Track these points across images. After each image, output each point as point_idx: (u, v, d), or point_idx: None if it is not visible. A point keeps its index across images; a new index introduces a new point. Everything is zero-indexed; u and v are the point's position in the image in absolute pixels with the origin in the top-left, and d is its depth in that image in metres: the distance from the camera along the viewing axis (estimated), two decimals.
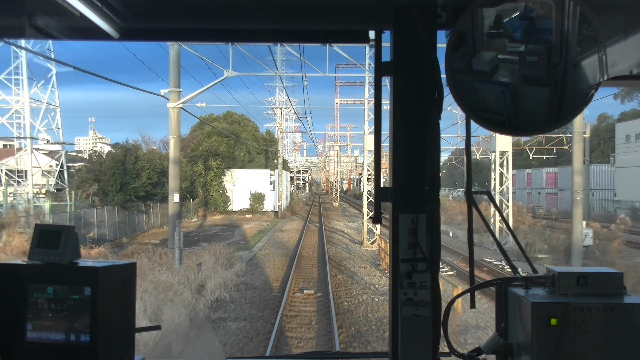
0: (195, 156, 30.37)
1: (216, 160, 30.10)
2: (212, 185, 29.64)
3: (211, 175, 29.54)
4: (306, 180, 74.36)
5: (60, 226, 1.17)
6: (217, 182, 29.92)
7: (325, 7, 1.19)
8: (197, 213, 27.61)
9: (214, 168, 29.76)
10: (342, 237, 18.65)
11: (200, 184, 29.23)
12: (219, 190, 30.26)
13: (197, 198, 29.13)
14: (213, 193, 29.78)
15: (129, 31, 1.23)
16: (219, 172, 30.26)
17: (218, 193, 30.06)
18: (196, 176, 29.18)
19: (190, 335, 6.40)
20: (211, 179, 29.56)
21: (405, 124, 1.19)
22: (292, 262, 12.25)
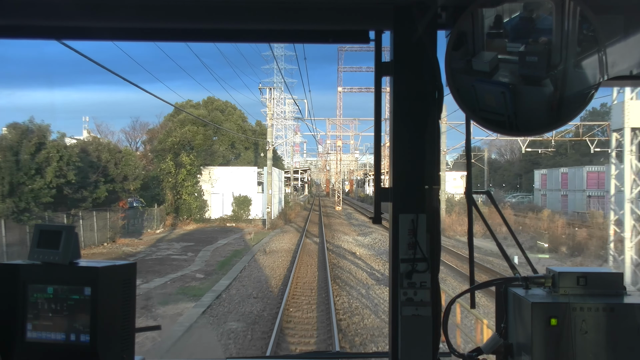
0: (164, 150, 28.63)
1: (190, 155, 28.03)
2: (184, 187, 27.66)
3: (183, 174, 27.54)
4: (305, 181, 77.11)
5: (60, 226, 1.38)
6: (191, 183, 28.01)
7: (325, 7, 1.35)
8: (164, 222, 25.67)
9: (187, 164, 27.67)
10: (356, 268, 13.88)
11: (169, 185, 27.36)
12: (194, 193, 28.32)
13: (166, 202, 27.20)
14: (185, 196, 27.73)
15: (128, 31, 1.46)
16: (194, 170, 28.26)
17: (192, 196, 28.14)
18: (164, 175, 27.39)
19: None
20: (183, 178, 27.57)
21: (405, 124, 1.36)
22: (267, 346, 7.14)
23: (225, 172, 31.26)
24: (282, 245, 19.01)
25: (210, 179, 30.63)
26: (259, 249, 17.69)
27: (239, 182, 30.85)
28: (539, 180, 38.99)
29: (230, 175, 31.26)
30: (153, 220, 24.92)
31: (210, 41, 1.49)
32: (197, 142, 30.55)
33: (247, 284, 11.61)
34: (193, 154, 28.72)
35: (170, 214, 27.26)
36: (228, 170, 31.81)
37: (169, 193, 27.57)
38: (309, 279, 12.39)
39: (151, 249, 17.50)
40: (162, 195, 27.98)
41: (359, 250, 17.31)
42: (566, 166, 36.57)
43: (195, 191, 28.78)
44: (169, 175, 27.75)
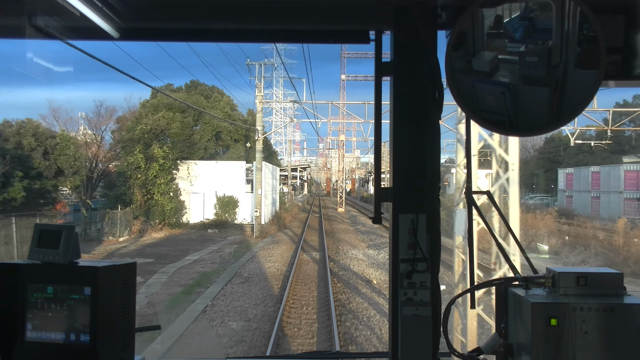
0: (132, 140, 28.21)
1: (163, 147, 27.83)
2: (155, 185, 27.41)
3: (155, 169, 27.23)
4: (304, 180, 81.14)
5: (60, 226, 1.67)
6: (165, 180, 27.76)
7: (325, 8, 1.62)
8: (130, 227, 25.32)
9: (160, 158, 27.38)
10: (378, 315, 10.91)
11: (137, 183, 27.07)
12: (168, 192, 28.00)
13: (133, 204, 26.97)
14: (158, 196, 27.42)
15: (128, 31, 1.69)
16: (168, 165, 27.93)
17: (166, 196, 27.77)
18: (132, 170, 27.03)
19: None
20: (155, 174, 27.28)
21: (405, 124, 1.64)
22: None
23: (208, 168, 30.88)
24: (269, 266, 16.58)
25: (189, 175, 30.33)
26: (236, 273, 15.35)
27: (224, 180, 30.49)
28: (564, 180, 39.93)
29: (213, 171, 30.81)
30: (115, 225, 24.13)
31: (210, 41, 1.77)
32: (173, 130, 30.29)
33: (195, 352, 8.87)
34: (167, 145, 28.46)
35: (139, 217, 26.94)
36: (210, 165, 31.33)
37: (138, 192, 27.25)
38: (301, 341, 9.60)
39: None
40: (129, 195, 27.68)
41: (374, 276, 15.22)
42: (594, 164, 37.42)
43: (170, 190, 28.45)
44: (137, 171, 27.35)
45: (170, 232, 27.16)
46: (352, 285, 13.73)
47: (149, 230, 26.69)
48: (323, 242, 22.30)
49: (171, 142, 29.26)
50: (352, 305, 11.79)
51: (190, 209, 30.35)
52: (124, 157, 28.44)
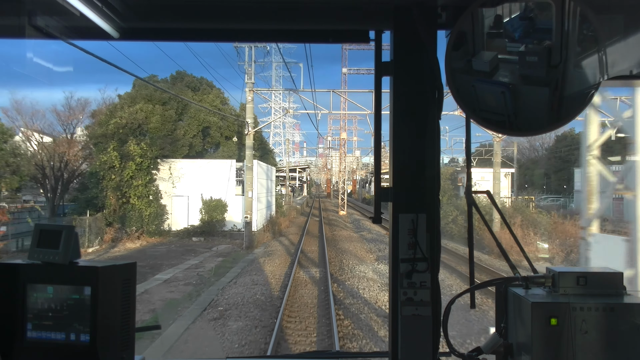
0: (105, 136, 28.31)
1: (141, 143, 27.82)
2: (132, 187, 27.51)
3: (131, 169, 27.36)
4: (304, 181, 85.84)
5: (60, 226, 1.90)
6: (143, 181, 27.84)
7: (325, 7, 1.86)
8: (102, 236, 25.28)
9: (137, 156, 27.44)
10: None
11: (111, 185, 27.13)
12: (147, 195, 28.15)
13: (106, 208, 26.98)
14: (134, 200, 27.58)
15: (128, 31, 1.94)
16: (146, 164, 27.97)
17: (144, 200, 27.88)
18: (105, 170, 27.12)
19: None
20: (131, 174, 27.42)
21: (405, 124, 1.88)
22: None
23: (192, 167, 31.01)
24: (256, 291, 14.67)
25: (170, 176, 30.39)
26: (212, 302, 13.67)
27: (212, 181, 30.60)
28: (581, 179, 40.60)
29: (199, 171, 30.86)
30: (84, 234, 23.71)
31: (209, 41, 2.01)
32: (153, 125, 30.41)
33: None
34: (146, 142, 28.40)
35: (114, 224, 26.98)
36: (196, 164, 31.44)
37: (112, 195, 27.27)
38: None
39: None
40: (101, 199, 27.66)
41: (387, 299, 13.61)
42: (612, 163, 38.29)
43: (149, 193, 28.51)
44: (111, 171, 27.37)
45: (148, 242, 27.08)
46: (364, 324, 11.54)
47: (124, 240, 26.53)
48: (324, 254, 21.58)
49: (150, 138, 29.12)
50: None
51: (172, 214, 30.33)
52: (97, 155, 28.37)
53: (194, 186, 30.63)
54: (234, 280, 16.55)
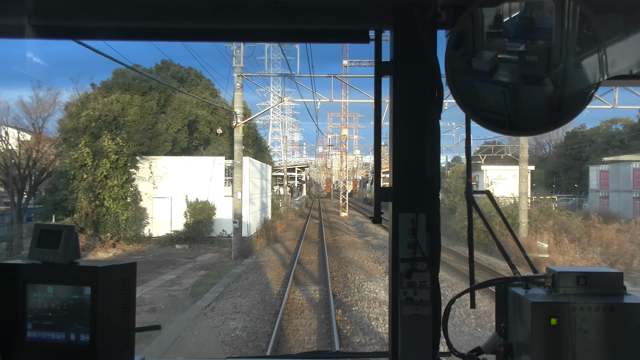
0: (76, 130, 28.26)
1: (116, 138, 27.88)
2: (107, 187, 27.63)
3: (106, 167, 27.45)
4: (303, 181, 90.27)
5: (60, 226, 2.16)
6: (119, 181, 27.97)
7: (325, 7, 2.11)
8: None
9: (112, 152, 27.52)
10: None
11: (82, 185, 27.25)
12: (124, 197, 28.32)
13: (77, 212, 27.12)
14: (110, 203, 27.71)
15: (128, 31, 2.23)
16: (123, 162, 28.13)
17: (120, 202, 28.07)
18: (76, 169, 27.27)
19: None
20: (105, 174, 27.54)
21: (405, 124, 2.13)
22: None
23: (176, 165, 31.11)
24: (236, 325, 13.02)
25: (151, 175, 30.43)
26: (178, 339, 12.37)
27: (198, 180, 30.70)
28: (597, 178, 42.58)
29: (183, 169, 31.00)
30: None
31: (210, 41, 2.27)
32: (131, 117, 30.40)
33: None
34: (122, 137, 28.34)
35: (86, 230, 26.90)
36: (180, 161, 31.55)
37: (83, 197, 27.31)
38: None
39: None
40: (71, 201, 27.69)
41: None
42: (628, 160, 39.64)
43: (127, 194, 28.60)
44: (83, 170, 27.41)
45: (124, 250, 27.05)
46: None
47: (97, 248, 26.38)
48: (325, 265, 21.01)
49: (127, 133, 29.09)
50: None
51: (153, 219, 30.46)
52: (67, 151, 28.55)
53: (178, 186, 30.69)
54: (211, 306, 15.11)
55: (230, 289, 17.55)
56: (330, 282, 17.61)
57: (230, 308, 14.77)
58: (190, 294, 16.94)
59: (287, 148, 76.00)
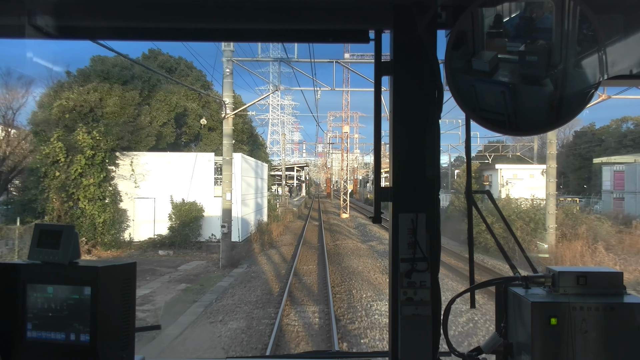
0: (48, 123, 28.38)
1: (93, 132, 27.84)
2: (81, 187, 27.63)
3: (80, 164, 27.46)
4: (302, 180, 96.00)
5: (60, 226, 2.41)
6: (96, 179, 27.98)
7: (325, 7, 2.35)
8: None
9: (87, 147, 27.54)
10: None
11: (54, 184, 27.22)
12: (102, 197, 28.34)
13: (48, 214, 26.93)
14: (85, 203, 27.81)
15: (128, 31, 2.48)
16: (100, 158, 28.11)
17: (97, 203, 28.10)
18: (47, 165, 27.29)
19: None
20: (80, 171, 27.55)
21: (405, 124, 2.38)
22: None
23: (161, 162, 31.16)
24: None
25: (132, 173, 30.57)
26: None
27: (184, 179, 30.77)
28: (610, 178, 44.20)
29: (168, 166, 30.98)
30: (13, 249, 23.26)
31: (210, 41, 2.54)
32: (110, 109, 30.58)
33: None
34: (99, 130, 28.27)
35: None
36: (164, 158, 31.57)
37: (55, 197, 27.30)
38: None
39: None
40: (41, 202, 27.58)
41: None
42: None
43: (105, 194, 28.65)
44: (55, 167, 27.39)
45: (100, 256, 26.66)
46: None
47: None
48: (325, 278, 20.27)
49: (104, 126, 28.97)
50: None
51: (134, 221, 30.71)
52: (37, 146, 28.51)
53: (162, 186, 30.79)
54: (184, 335, 13.87)
55: (212, 310, 16.51)
56: (332, 300, 16.66)
57: (206, 339, 13.52)
58: (162, 316, 15.73)
59: (286, 147, 78.27)
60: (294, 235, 37.46)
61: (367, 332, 13.93)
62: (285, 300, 16.80)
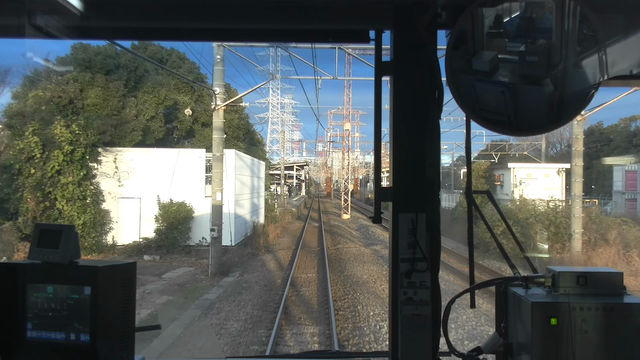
0: (21, 115, 27.90)
1: (72, 125, 27.53)
2: (59, 185, 27.40)
3: (58, 161, 27.20)
4: (302, 180, 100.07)
5: (60, 225, 2.63)
6: (75, 177, 27.75)
7: (325, 7, 2.54)
8: (11, 255, 24.28)
9: (66, 143, 27.21)
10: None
11: (30, 182, 26.99)
12: (82, 197, 28.17)
13: (22, 215, 26.79)
14: (63, 204, 27.60)
15: (128, 31, 2.71)
16: (80, 154, 27.88)
17: (77, 204, 27.95)
18: (22, 162, 27.06)
19: None
20: (58, 168, 27.27)
21: (405, 124, 2.58)
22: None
23: (147, 159, 30.93)
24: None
25: (116, 170, 30.36)
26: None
27: (173, 177, 30.50)
28: (622, 179, 45.36)
29: (155, 163, 30.76)
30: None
31: (210, 41, 2.81)
32: (92, 100, 30.18)
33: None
34: (79, 123, 27.94)
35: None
36: (151, 155, 31.34)
37: (30, 197, 27.14)
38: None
39: None
40: (13, 202, 27.40)
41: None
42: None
43: (85, 193, 28.45)
44: (30, 163, 27.14)
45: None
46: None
47: None
48: (326, 289, 19.48)
49: (84, 119, 28.51)
50: None
51: (118, 223, 30.48)
52: (11, 140, 28.02)
53: (149, 184, 30.55)
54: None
55: (193, 330, 15.54)
56: (335, 319, 15.55)
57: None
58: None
59: (286, 146, 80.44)
60: (292, 237, 37.69)
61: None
62: (279, 319, 15.75)
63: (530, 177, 41.07)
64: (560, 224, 27.66)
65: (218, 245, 24.68)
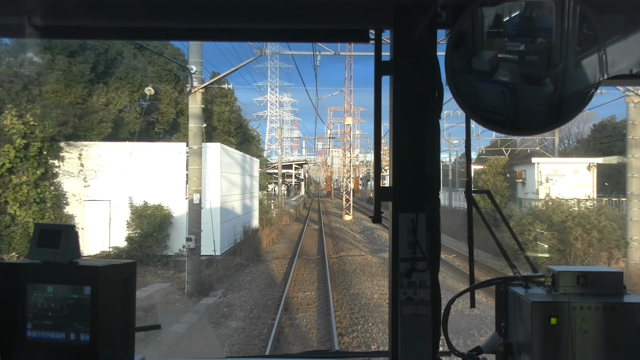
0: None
1: (26, 115, 25.26)
2: (11, 186, 25.60)
3: (9, 157, 24.95)
4: (301, 179, 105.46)
5: (60, 225, 2.96)
6: (31, 176, 25.93)
7: (325, 7, 2.65)
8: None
9: (18, 136, 24.83)
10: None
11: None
12: (40, 200, 26.51)
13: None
14: (15, 208, 25.66)
15: (128, 31, 3.06)
16: (36, 149, 25.82)
17: (33, 208, 26.07)
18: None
19: None
20: (9, 166, 25.19)
21: (405, 123, 2.73)
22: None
23: (118, 155, 28.84)
24: None
25: (81, 168, 28.93)
26: None
27: (149, 176, 29.40)
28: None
29: (127, 160, 27.13)
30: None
31: (210, 40, 3.17)
32: (51, 87, 28.42)
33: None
34: (35, 112, 25.86)
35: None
36: (123, 150, 28.89)
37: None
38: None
39: None
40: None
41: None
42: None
43: (42, 196, 26.81)
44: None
45: None
46: None
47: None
48: (329, 318, 17.09)
49: (41, 107, 26.56)
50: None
51: (84, 230, 28.34)
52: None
53: (120, 184, 28.02)
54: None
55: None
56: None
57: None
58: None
59: (285, 145, 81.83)
60: (289, 243, 36.87)
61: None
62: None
63: (557, 173, 40.34)
64: (604, 228, 26.11)
65: (196, 258, 22.13)
